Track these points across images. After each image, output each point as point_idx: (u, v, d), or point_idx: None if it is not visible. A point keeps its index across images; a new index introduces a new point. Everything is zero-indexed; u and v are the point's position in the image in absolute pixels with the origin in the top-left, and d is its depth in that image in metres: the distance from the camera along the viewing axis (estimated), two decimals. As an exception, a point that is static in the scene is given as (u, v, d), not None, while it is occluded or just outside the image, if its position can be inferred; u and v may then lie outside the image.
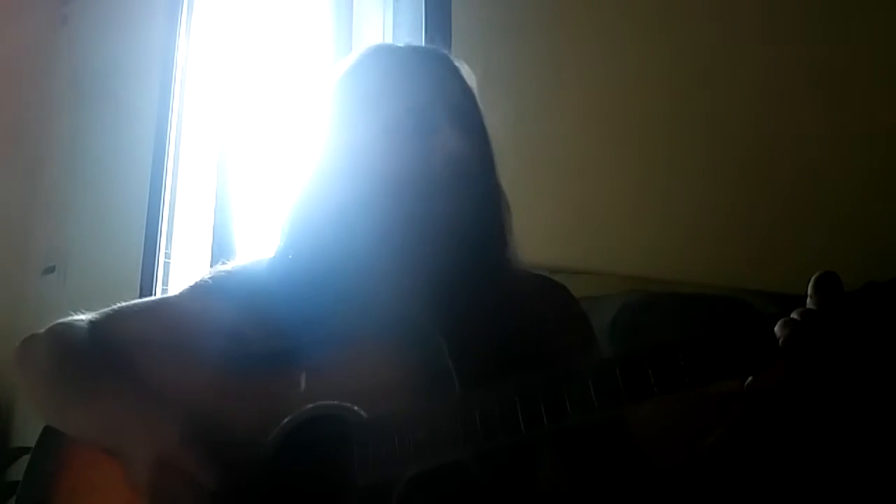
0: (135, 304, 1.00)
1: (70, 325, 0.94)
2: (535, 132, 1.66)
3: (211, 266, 1.12)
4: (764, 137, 1.69)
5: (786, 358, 0.64)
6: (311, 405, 0.82)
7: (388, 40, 1.82)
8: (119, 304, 0.99)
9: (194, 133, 2.22)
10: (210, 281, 0.99)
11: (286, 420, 0.81)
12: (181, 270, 2.09)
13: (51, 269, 2.49)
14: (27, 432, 2.23)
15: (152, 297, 1.07)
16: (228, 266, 1.01)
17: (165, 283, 2.07)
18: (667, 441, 0.88)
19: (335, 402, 0.81)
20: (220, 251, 1.96)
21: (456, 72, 0.95)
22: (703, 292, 1.57)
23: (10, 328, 2.06)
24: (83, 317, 0.95)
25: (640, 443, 0.90)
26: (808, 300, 0.66)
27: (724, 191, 1.66)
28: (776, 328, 0.65)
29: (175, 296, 1.02)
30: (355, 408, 0.80)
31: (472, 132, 0.92)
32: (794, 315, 0.65)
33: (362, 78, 0.95)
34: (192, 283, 1.01)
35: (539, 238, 1.01)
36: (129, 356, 0.89)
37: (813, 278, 0.67)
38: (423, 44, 1.66)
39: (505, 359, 0.81)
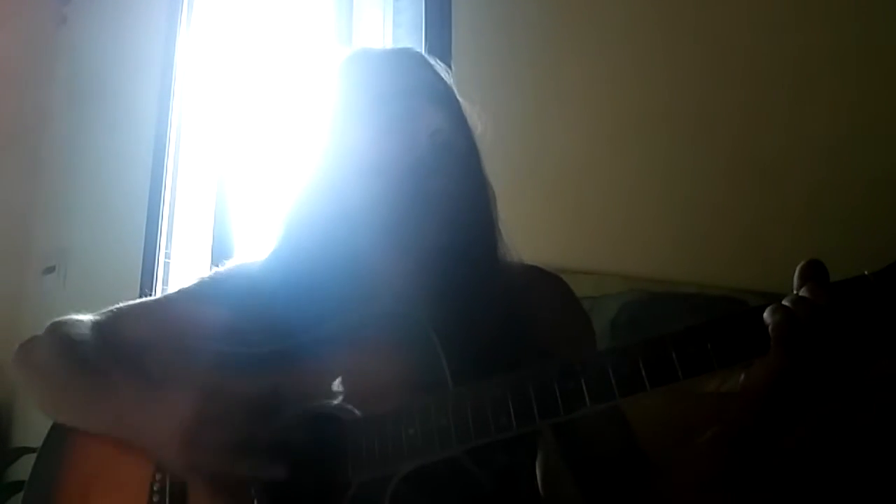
0: (135, 305, 1.00)
1: (73, 323, 0.94)
2: (535, 132, 1.66)
3: (211, 266, 1.12)
4: (764, 138, 1.69)
5: (779, 345, 0.63)
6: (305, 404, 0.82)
7: (388, 40, 1.82)
8: (119, 305, 0.99)
9: (194, 133, 2.22)
10: (208, 281, 0.99)
11: (280, 419, 0.82)
12: (181, 270, 2.09)
13: (51, 269, 2.49)
14: (27, 432, 2.24)
15: (151, 298, 1.06)
16: (226, 266, 1.02)
17: (165, 283, 2.07)
18: (665, 441, 0.88)
19: (329, 400, 0.81)
20: (220, 251, 1.96)
21: (430, 66, 0.99)
22: (703, 292, 1.57)
23: (10, 328, 2.06)
24: (84, 317, 0.96)
25: (640, 441, 0.90)
26: (799, 289, 0.65)
27: (724, 191, 1.66)
28: (765, 314, 0.64)
29: (174, 295, 1.03)
30: (348, 406, 0.80)
31: (454, 116, 0.94)
32: (784, 302, 0.64)
33: (343, 80, 0.97)
34: (190, 282, 1.01)
35: (539, 238, 1.01)
36: (134, 357, 0.89)
37: (799, 267, 0.66)
38: (423, 43, 1.67)
39: (498, 354, 0.81)
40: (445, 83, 0.98)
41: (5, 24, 2.62)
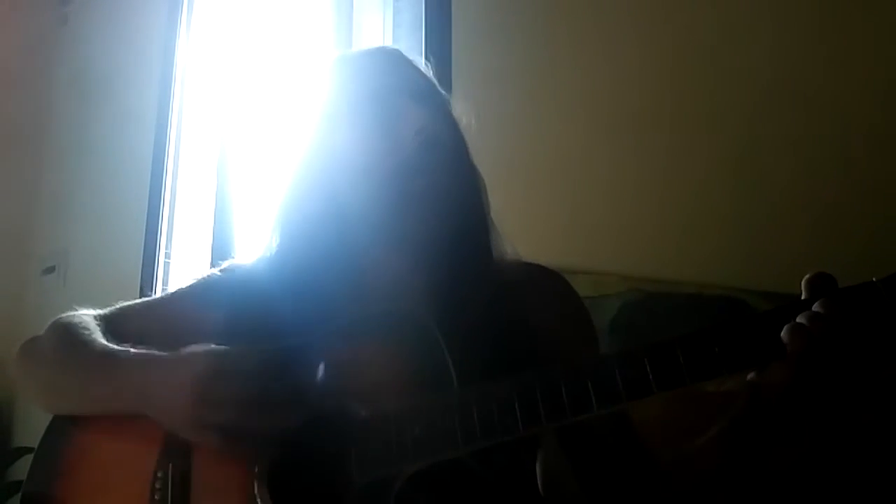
0: (135, 305, 1.01)
1: (76, 315, 0.95)
2: (534, 131, 1.66)
3: (211, 266, 1.12)
4: (762, 138, 1.69)
5: (796, 364, 0.64)
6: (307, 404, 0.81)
7: (389, 40, 1.82)
8: (120, 304, 0.99)
9: (194, 133, 2.23)
10: (204, 283, 1.00)
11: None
12: (181, 270, 2.09)
13: (51, 269, 2.49)
14: (27, 432, 2.24)
15: (152, 297, 1.07)
16: (225, 266, 1.02)
17: (165, 283, 2.07)
18: (668, 441, 0.88)
19: (333, 400, 0.81)
20: (220, 251, 1.96)
21: (410, 63, 0.99)
22: (702, 292, 1.57)
23: (10, 328, 2.07)
24: (85, 311, 0.96)
25: (643, 439, 0.90)
26: (813, 304, 0.65)
27: (722, 191, 1.66)
28: (783, 334, 0.64)
29: (172, 295, 1.03)
30: (353, 405, 0.80)
31: (437, 111, 0.95)
32: (801, 320, 0.64)
33: (327, 85, 0.99)
34: (190, 281, 1.01)
35: (538, 238, 1.01)
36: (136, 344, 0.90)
37: (806, 279, 0.66)
38: (423, 44, 1.67)
39: (503, 354, 0.81)
40: (427, 78, 0.98)
41: (6, 25, 2.62)
